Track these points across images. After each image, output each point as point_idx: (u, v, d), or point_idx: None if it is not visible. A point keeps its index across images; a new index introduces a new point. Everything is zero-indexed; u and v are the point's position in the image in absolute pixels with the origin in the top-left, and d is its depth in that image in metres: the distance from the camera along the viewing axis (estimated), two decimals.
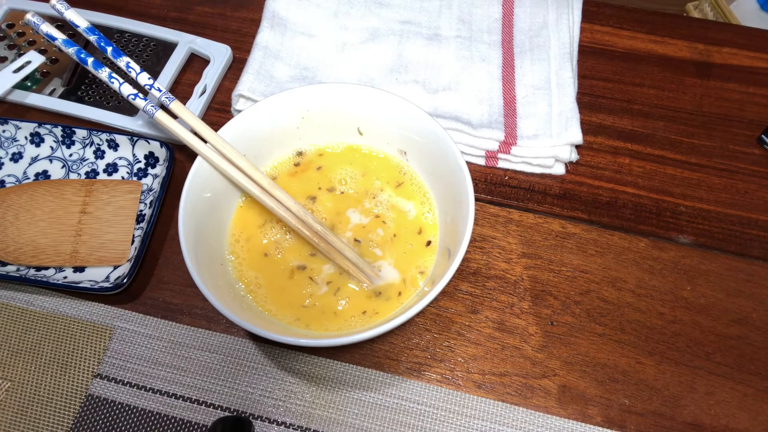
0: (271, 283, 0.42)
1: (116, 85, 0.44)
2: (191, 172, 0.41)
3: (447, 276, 0.36)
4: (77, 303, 0.45)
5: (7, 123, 0.50)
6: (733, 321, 0.45)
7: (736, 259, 0.47)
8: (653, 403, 0.42)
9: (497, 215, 0.49)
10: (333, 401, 0.42)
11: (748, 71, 0.57)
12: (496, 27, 0.58)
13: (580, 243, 0.48)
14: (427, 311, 0.45)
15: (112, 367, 0.43)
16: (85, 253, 0.46)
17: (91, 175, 0.50)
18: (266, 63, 0.54)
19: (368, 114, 0.46)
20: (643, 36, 0.59)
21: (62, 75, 0.55)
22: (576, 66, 0.56)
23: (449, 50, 0.56)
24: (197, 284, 0.36)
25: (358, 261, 0.42)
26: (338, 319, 0.41)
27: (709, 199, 0.50)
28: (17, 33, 0.58)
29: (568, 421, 0.41)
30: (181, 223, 0.39)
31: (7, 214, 0.46)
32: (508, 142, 0.50)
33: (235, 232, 0.44)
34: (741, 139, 0.53)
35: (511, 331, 0.44)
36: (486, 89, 0.54)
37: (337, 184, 0.46)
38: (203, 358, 0.43)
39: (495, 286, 0.46)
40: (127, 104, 0.53)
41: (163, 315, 0.45)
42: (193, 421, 0.41)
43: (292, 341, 0.36)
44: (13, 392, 0.42)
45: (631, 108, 0.55)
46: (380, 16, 0.59)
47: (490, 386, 0.42)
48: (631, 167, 0.52)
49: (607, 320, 0.45)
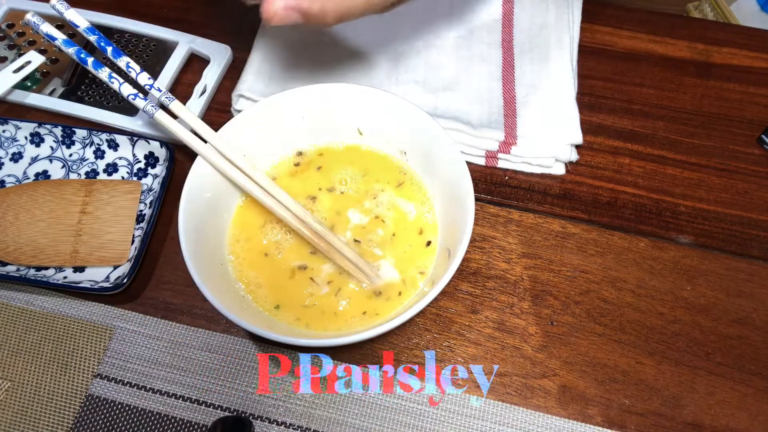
0: (271, 283, 0.42)
1: (116, 85, 0.44)
2: (191, 172, 0.41)
3: (447, 276, 0.36)
4: (77, 303, 0.45)
5: (7, 123, 0.50)
6: (733, 321, 0.45)
7: (736, 259, 0.47)
8: (653, 403, 0.42)
9: (497, 215, 0.49)
10: (333, 401, 0.42)
11: (748, 71, 0.57)
12: (496, 27, 0.58)
13: (580, 243, 0.48)
14: (427, 311, 0.45)
15: (112, 367, 0.43)
16: (85, 253, 0.46)
17: (91, 175, 0.50)
18: (266, 63, 0.54)
19: (368, 114, 0.46)
20: (643, 36, 0.59)
21: (62, 75, 0.55)
22: (576, 66, 0.56)
23: (449, 50, 0.56)
24: (197, 284, 0.36)
25: (358, 261, 0.42)
26: (338, 319, 0.41)
27: (709, 199, 0.50)
28: (17, 33, 0.58)
29: (568, 421, 0.41)
30: (181, 223, 0.39)
31: (7, 214, 0.46)
32: (508, 142, 0.50)
33: (235, 232, 0.44)
34: (741, 139, 0.53)
35: (511, 331, 0.44)
36: (486, 89, 0.54)
37: (337, 184, 0.46)
38: (203, 358, 0.43)
39: (495, 286, 0.46)
40: (127, 104, 0.53)
41: (163, 315, 0.45)
42: (193, 421, 0.41)
43: (292, 341, 0.36)
44: (13, 392, 0.42)
45: (631, 108, 0.55)
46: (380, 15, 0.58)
47: (490, 386, 0.42)
48: (631, 167, 0.52)
49: (607, 320, 0.45)
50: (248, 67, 0.53)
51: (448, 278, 0.36)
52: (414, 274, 0.43)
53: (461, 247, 0.37)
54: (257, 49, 0.55)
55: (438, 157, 0.43)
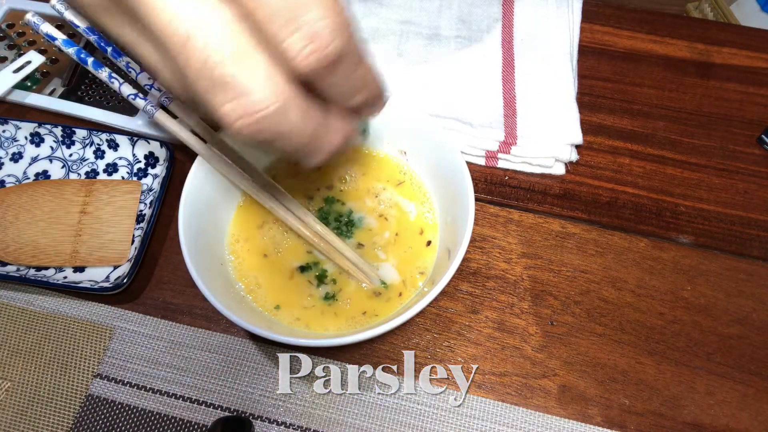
0: (271, 283, 0.42)
1: (116, 85, 0.44)
2: (191, 172, 0.41)
3: (447, 276, 0.36)
4: (77, 303, 0.45)
5: (7, 123, 0.50)
6: (733, 321, 0.45)
7: (736, 259, 0.47)
8: (653, 403, 0.42)
9: (497, 215, 0.49)
10: (333, 401, 0.42)
11: (748, 71, 0.57)
12: (496, 27, 0.58)
13: (580, 243, 0.48)
14: (427, 311, 0.45)
15: (112, 367, 0.43)
16: (85, 253, 0.46)
17: (91, 175, 0.50)
18: None
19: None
20: (643, 36, 0.59)
21: (62, 75, 0.55)
22: (576, 66, 0.56)
23: (449, 50, 0.56)
24: (197, 284, 0.36)
25: (358, 261, 0.42)
26: (338, 319, 0.41)
27: (709, 199, 0.50)
28: (17, 33, 0.58)
29: (568, 421, 0.41)
30: (181, 223, 0.39)
31: (7, 214, 0.46)
32: (508, 141, 0.50)
33: (235, 231, 0.44)
34: (741, 139, 0.53)
35: (511, 331, 0.44)
36: (486, 89, 0.54)
37: (336, 183, 0.46)
38: (203, 358, 0.43)
39: (495, 286, 0.46)
40: (127, 104, 0.53)
41: (163, 315, 0.45)
42: (193, 421, 0.41)
43: (292, 341, 0.36)
44: (13, 392, 0.42)
45: (631, 108, 0.55)
46: (380, 15, 0.59)
47: (490, 386, 0.42)
48: (631, 167, 0.52)
49: (607, 320, 0.45)
50: None
51: (448, 278, 0.36)
52: (414, 274, 0.43)
53: (461, 247, 0.37)
54: None
55: (438, 157, 0.43)
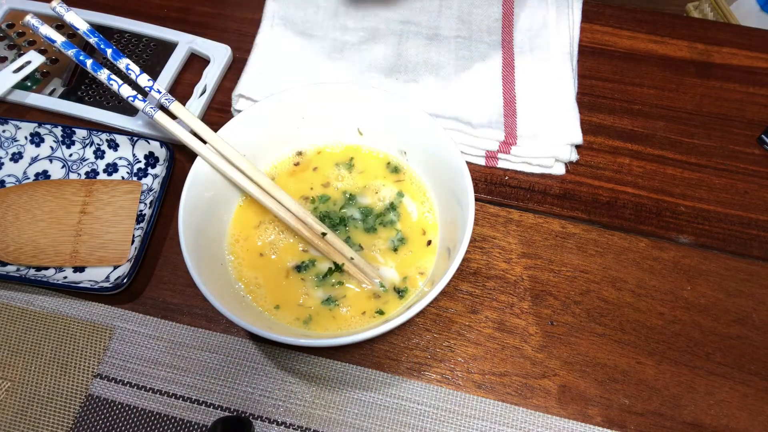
0: (271, 283, 0.42)
1: (115, 87, 0.44)
2: (191, 172, 0.41)
3: (447, 276, 0.36)
4: (77, 303, 0.45)
5: (7, 123, 0.50)
6: (733, 321, 0.45)
7: (736, 259, 0.47)
8: (653, 403, 0.42)
9: (497, 215, 0.49)
10: (333, 401, 0.42)
11: (748, 71, 0.57)
12: (496, 27, 0.58)
13: (580, 243, 0.48)
14: (427, 311, 0.45)
15: (112, 367, 0.43)
16: (85, 253, 0.46)
17: (91, 175, 0.50)
18: (266, 63, 0.54)
19: (368, 114, 0.46)
20: (643, 36, 0.59)
21: (62, 75, 0.55)
22: (576, 66, 0.56)
23: (449, 50, 0.56)
24: (197, 284, 0.36)
25: (358, 261, 0.42)
26: (338, 319, 0.41)
27: (709, 199, 0.50)
28: (17, 33, 0.58)
29: (568, 421, 0.41)
30: (181, 223, 0.39)
31: (7, 214, 0.46)
32: (508, 142, 0.50)
33: (235, 232, 0.44)
34: (741, 139, 0.53)
35: (511, 331, 0.44)
36: (486, 89, 0.54)
37: (335, 182, 0.46)
38: (203, 358, 0.43)
39: (495, 286, 0.46)
40: (127, 104, 0.53)
41: (163, 315, 0.45)
42: (193, 421, 0.41)
43: (292, 341, 0.36)
44: (13, 392, 0.42)
45: (631, 108, 0.55)
46: (380, 16, 0.59)
47: (490, 386, 0.42)
48: (631, 167, 0.52)
49: (607, 320, 0.45)
50: (248, 67, 0.53)
51: (448, 278, 0.36)
52: (414, 275, 0.43)
53: (461, 247, 0.37)
54: (257, 49, 0.55)
55: (438, 157, 0.43)
